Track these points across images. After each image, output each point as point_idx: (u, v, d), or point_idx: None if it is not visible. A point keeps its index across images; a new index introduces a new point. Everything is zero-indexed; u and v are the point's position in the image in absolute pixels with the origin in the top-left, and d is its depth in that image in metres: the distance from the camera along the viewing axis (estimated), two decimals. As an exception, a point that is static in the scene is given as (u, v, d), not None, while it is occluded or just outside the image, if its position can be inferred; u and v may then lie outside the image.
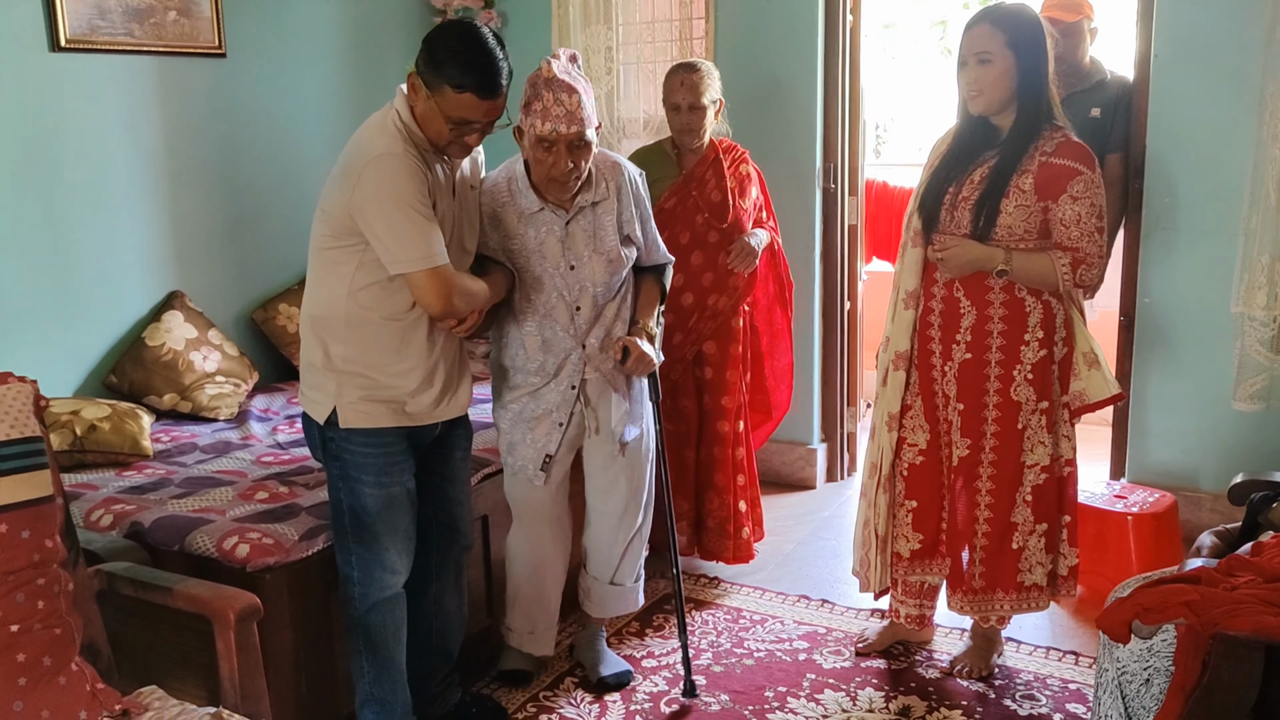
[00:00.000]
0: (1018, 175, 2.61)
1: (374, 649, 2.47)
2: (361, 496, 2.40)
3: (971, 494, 2.80)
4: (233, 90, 3.81)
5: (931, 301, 2.79)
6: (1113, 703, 2.14)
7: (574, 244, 2.64)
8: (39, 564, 1.80)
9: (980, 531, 2.80)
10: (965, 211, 2.67)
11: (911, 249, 2.81)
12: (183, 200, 3.69)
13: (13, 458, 1.81)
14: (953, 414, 2.79)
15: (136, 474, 2.95)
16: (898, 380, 2.86)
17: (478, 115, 2.26)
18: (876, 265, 5.59)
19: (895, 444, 2.88)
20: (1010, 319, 2.69)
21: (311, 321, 2.42)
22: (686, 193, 3.36)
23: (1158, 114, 3.59)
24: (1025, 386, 2.71)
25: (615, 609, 2.98)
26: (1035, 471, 2.76)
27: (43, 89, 3.26)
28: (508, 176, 2.64)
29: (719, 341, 3.45)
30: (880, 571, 2.95)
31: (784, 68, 4.13)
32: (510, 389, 2.75)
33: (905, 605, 3.01)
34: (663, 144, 3.48)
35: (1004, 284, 2.67)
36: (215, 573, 2.35)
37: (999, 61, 2.59)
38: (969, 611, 2.87)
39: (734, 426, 3.48)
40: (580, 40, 4.35)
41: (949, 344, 2.76)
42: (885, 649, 3.11)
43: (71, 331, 3.38)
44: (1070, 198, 2.58)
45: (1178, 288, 3.66)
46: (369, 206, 2.24)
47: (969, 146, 2.72)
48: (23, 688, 1.73)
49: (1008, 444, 2.75)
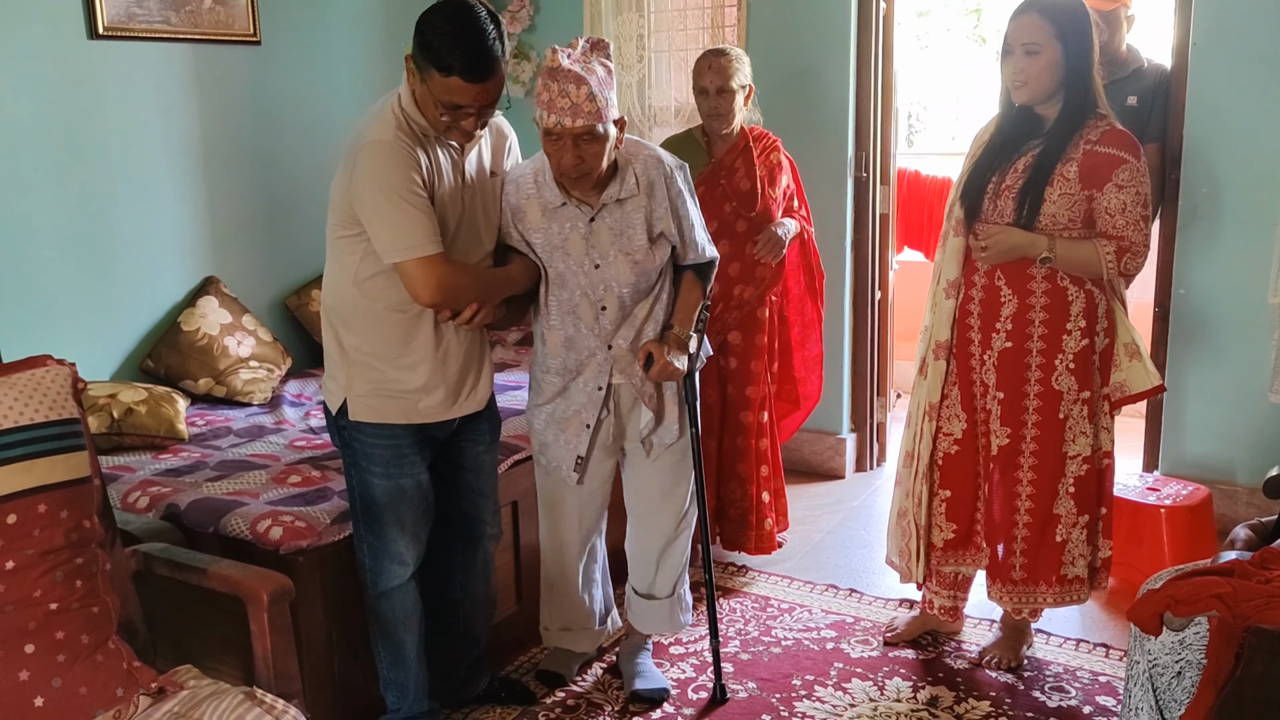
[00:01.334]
0: (1063, 163, 2.59)
1: (386, 635, 2.50)
2: (370, 486, 2.40)
3: (1011, 484, 2.78)
4: (267, 78, 3.84)
5: (971, 290, 2.77)
6: (1143, 695, 2.12)
7: (599, 242, 2.50)
8: (77, 544, 1.82)
9: (1021, 522, 2.79)
10: (1009, 200, 2.66)
11: (953, 238, 2.79)
12: (218, 187, 3.72)
13: (51, 439, 1.83)
14: (992, 403, 2.77)
15: (172, 457, 2.99)
16: (938, 370, 2.84)
17: (468, 99, 2.18)
18: (908, 255, 5.56)
19: (934, 434, 2.87)
20: (1052, 308, 2.67)
21: (326, 311, 2.43)
22: (715, 181, 3.32)
23: (1196, 103, 3.54)
24: (1067, 376, 2.69)
25: (651, 625, 2.87)
26: (1077, 463, 2.75)
27: (81, 76, 3.30)
28: (535, 168, 2.51)
29: (744, 332, 3.42)
30: (922, 562, 2.94)
31: (816, 55, 4.11)
32: (537, 389, 2.69)
33: (939, 596, 3.00)
34: (692, 132, 3.44)
35: (1046, 272, 2.65)
36: (249, 555, 2.38)
37: (1046, 52, 2.56)
38: (1009, 603, 2.86)
39: (758, 417, 3.47)
40: (612, 28, 4.35)
41: (989, 332, 2.74)
42: (914, 639, 3.10)
43: (109, 316, 3.43)
44: (1116, 186, 2.56)
45: (1214, 279, 3.61)
46: (362, 194, 2.22)
47: (1012, 136, 2.70)
48: (61, 664, 1.76)
49: (1049, 434, 2.73)
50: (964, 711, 2.76)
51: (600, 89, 2.33)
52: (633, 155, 2.52)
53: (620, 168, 2.50)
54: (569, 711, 2.79)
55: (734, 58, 3.26)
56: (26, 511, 1.76)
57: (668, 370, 2.56)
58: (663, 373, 2.57)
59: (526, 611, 3.06)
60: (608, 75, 2.37)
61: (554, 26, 4.56)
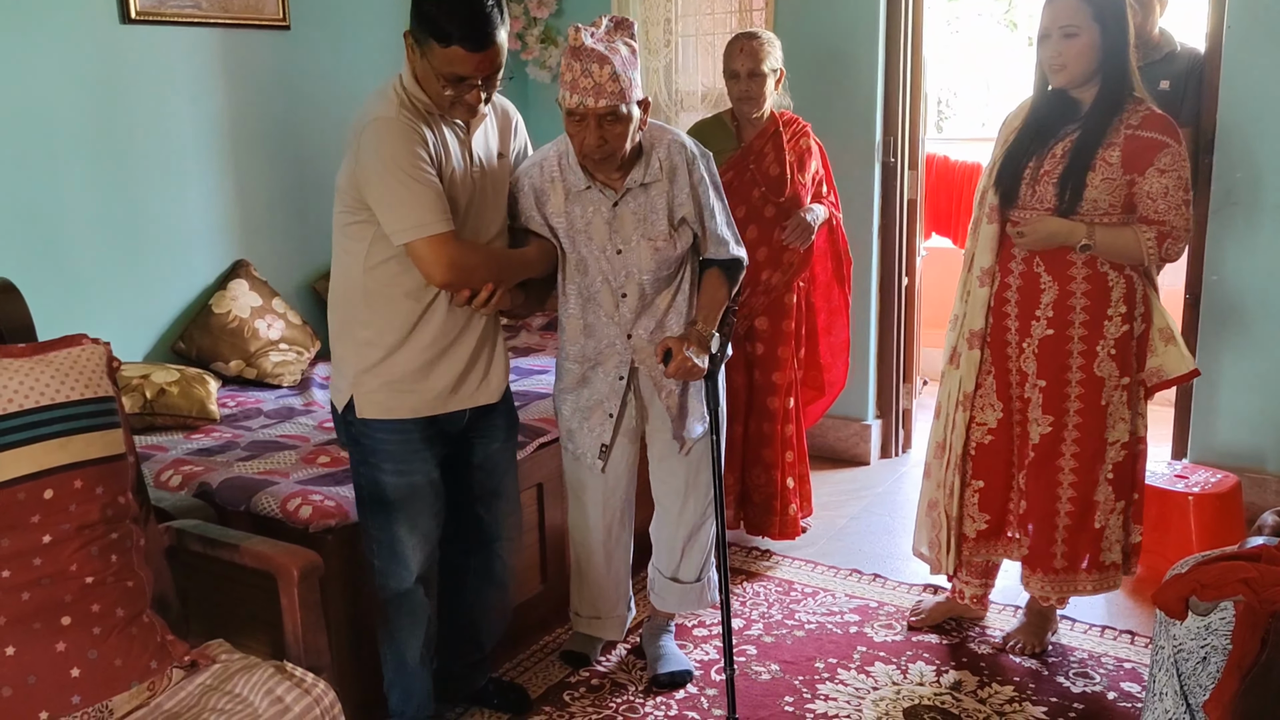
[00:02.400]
0: (1104, 148, 2.57)
1: (391, 640, 2.45)
2: (380, 484, 2.33)
3: (1053, 472, 2.76)
4: (296, 62, 3.87)
5: (1009, 278, 2.74)
6: (1168, 680, 2.12)
7: (622, 227, 2.47)
8: (112, 519, 1.86)
9: (1063, 511, 2.77)
10: (1047, 186, 2.63)
11: (987, 225, 2.76)
12: (247, 171, 3.76)
13: (87, 416, 1.87)
14: (1031, 391, 2.74)
15: (204, 437, 3.03)
16: (972, 359, 2.81)
17: (469, 70, 2.11)
18: (936, 241, 5.53)
19: (967, 423, 2.85)
20: (1093, 294, 2.65)
21: (335, 305, 2.37)
22: (744, 166, 3.31)
23: (1230, 87, 3.50)
24: (1108, 362, 2.68)
25: (676, 605, 2.88)
26: (1116, 449, 2.74)
27: (113, 60, 3.34)
28: (559, 150, 2.48)
29: (771, 317, 3.41)
30: (953, 553, 2.93)
31: (845, 39, 4.09)
32: (560, 375, 2.68)
33: (970, 586, 2.99)
34: (722, 116, 3.43)
35: (1086, 259, 2.63)
36: (278, 533, 2.41)
37: (1085, 34, 2.54)
38: (1050, 593, 2.84)
39: (784, 403, 3.46)
40: (639, 11, 4.35)
41: (1027, 320, 2.72)
42: (938, 624, 3.10)
43: (141, 298, 3.47)
44: (1158, 170, 2.54)
45: (1246, 265, 3.58)
46: (367, 174, 2.16)
47: (1048, 120, 2.67)
48: (97, 637, 1.79)
49: (1092, 421, 2.71)
50: (987, 696, 2.76)
51: (624, 69, 2.29)
52: (657, 139, 2.49)
53: (645, 151, 2.46)
54: (593, 692, 2.82)
55: (765, 41, 3.24)
56: (63, 487, 1.80)
57: (686, 367, 2.48)
58: (680, 369, 2.49)
59: (551, 592, 3.08)
60: (632, 55, 2.34)
61: (581, 11, 4.56)
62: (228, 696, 1.83)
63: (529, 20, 4.65)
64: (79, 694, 1.76)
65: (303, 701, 1.81)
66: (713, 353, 2.53)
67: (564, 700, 2.79)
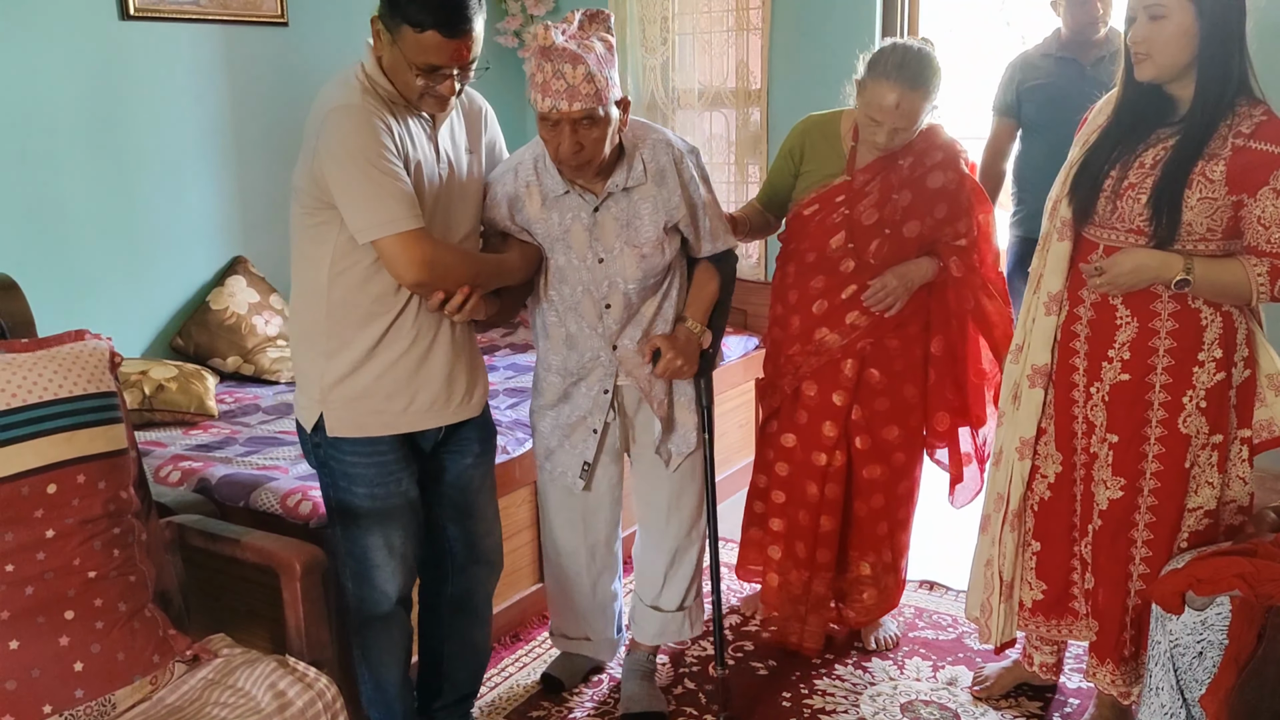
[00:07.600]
0: (1204, 161, 2.09)
1: (369, 665, 2.31)
2: (352, 507, 2.17)
3: (1123, 545, 2.31)
4: (295, 59, 3.86)
5: (1079, 308, 2.30)
6: (1164, 675, 2.13)
7: (603, 234, 2.29)
8: (114, 514, 1.86)
9: (1133, 590, 2.33)
10: (1131, 202, 2.16)
11: (1058, 243, 2.31)
12: (246, 168, 3.76)
13: (90, 411, 1.87)
14: (1099, 446, 2.31)
15: (202, 433, 3.04)
16: (1034, 399, 2.38)
17: (445, 59, 1.96)
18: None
19: (1028, 474, 2.44)
20: (1182, 334, 2.19)
21: (295, 318, 2.19)
22: (833, 203, 2.67)
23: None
24: (1197, 416, 2.21)
25: (655, 635, 2.68)
26: (1197, 516, 2.27)
27: (112, 57, 3.34)
28: (535, 153, 2.28)
29: (820, 384, 2.76)
30: (1004, 620, 2.51)
31: (841, 39, 4.08)
32: (539, 389, 2.51)
33: (1040, 652, 2.62)
34: (839, 123, 2.74)
35: (1175, 292, 2.18)
36: (278, 528, 2.42)
37: (1176, 15, 2.07)
38: (1118, 688, 2.40)
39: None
40: (636, 10, 4.35)
41: (1098, 361, 2.28)
42: (1006, 693, 2.72)
43: (140, 295, 3.48)
44: (1274, 191, 2.06)
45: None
46: (330, 167, 1.99)
47: (1137, 121, 2.21)
48: (99, 630, 1.80)
49: (1171, 485, 2.25)
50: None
51: (599, 67, 2.10)
52: (640, 139, 2.30)
53: (627, 153, 2.28)
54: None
55: (927, 91, 2.51)
56: (66, 481, 1.80)
57: (675, 365, 2.37)
58: (669, 368, 2.37)
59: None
60: (608, 51, 2.15)
61: (578, 8, 4.54)
62: (230, 690, 1.84)
63: (526, 18, 4.65)
64: (82, 688, 1.76)
65: (305, 695, 1.82)
66: (704, 349, 2.44)
67: (567, 700, 2.80)
